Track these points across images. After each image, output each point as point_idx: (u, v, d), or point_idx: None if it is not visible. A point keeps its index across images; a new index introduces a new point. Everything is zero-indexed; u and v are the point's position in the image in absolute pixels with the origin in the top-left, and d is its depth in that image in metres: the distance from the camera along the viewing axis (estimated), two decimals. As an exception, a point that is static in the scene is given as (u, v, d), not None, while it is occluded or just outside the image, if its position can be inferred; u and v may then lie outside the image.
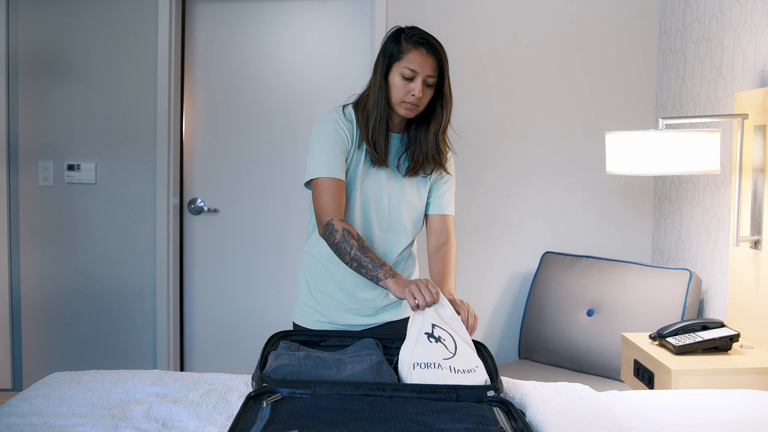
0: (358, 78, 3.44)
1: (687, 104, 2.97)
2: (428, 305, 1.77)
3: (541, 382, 1.80)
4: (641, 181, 3.33)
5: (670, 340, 2.24)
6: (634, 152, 2.24)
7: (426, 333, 1.72)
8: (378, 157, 2.06)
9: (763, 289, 2.27)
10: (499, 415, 1.47)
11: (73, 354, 3.46)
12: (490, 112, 3.35)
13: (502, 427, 1.39)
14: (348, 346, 1.86)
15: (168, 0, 3.33)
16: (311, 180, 2.02)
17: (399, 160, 2.12)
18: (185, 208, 3.51)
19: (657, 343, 2.31)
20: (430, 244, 2.25)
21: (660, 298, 2.77)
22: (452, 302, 1.89)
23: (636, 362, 2.34)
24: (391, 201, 2.14)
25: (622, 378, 2.51)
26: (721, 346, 2.21)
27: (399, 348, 1.86)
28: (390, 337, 1.91)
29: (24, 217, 3.43)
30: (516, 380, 1.76)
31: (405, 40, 2.00)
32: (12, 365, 3.46)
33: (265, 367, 1.65)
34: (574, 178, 3.35)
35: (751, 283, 2.33)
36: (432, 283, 1.81)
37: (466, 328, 1.83)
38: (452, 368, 1.64)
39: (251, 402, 1.50)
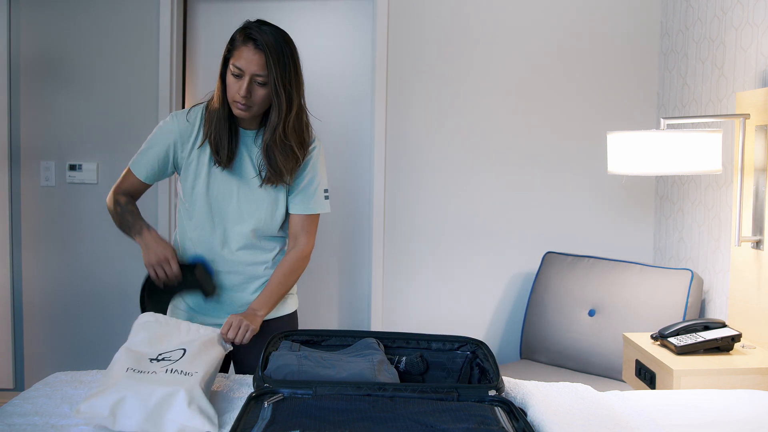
0: (359, 78, 3.45)
1: (688, 104, 2.97)
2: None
3: (543, 382, 1.80)
4: (643, 181, 3.32)
5: (671, 340, 2.24)
6: (635, 152, 2.24)
7: (150, 358, 1.65)
8: (220, 159, 1.97)
9: (764, 289, 2.26)
10: (501, 414, 1.47)
11: (74, 354, 3.46)
12: (492, 111, 3.35)
13: (503, 427, 1.39)
14: (349, 345, 1.86)
15: (169, 0, 3.33)
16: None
17: (255, 160, 2.00)
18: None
19: (658, 343, 2.31)
20: (288, 246, 2.12)
21: (661, 299, 2.77)
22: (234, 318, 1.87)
23: (637, 362, 2.33)
24: (241, 207, 2.02)
25: (623, 378, 2.50)
26: (723, 346, 2.21)
27: (400, 347, 1.87)
28: (391, 336, 1.91)
29: (26, 217, 3.43)
30: (517, 380, 1.76)
31: (238, 35, 1.89)
32: (13, 365, 3.46)
33: (266, 367, 1.65)
34: (575, 178, 3.35)
35: (752, 284, 2.33)
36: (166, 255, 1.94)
37: (228, 342, 1.83)
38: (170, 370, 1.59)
39: (252, 402, 1.50)
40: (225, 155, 1.96)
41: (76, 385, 1.76)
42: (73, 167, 3.42)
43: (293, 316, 2.19)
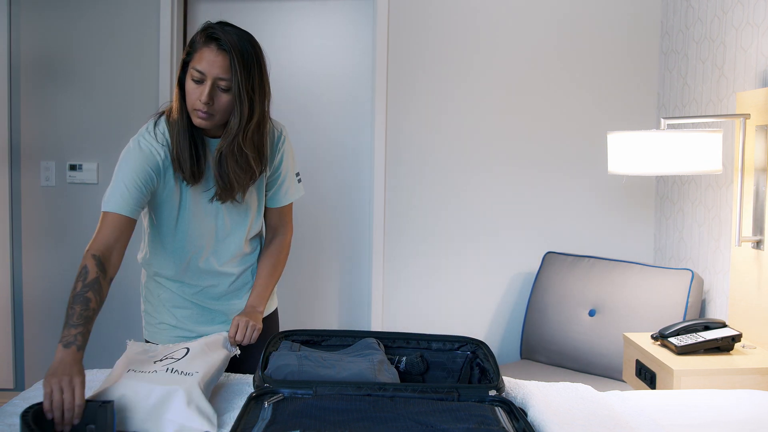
0: (359, 78, 3.45)
1: (689, 104, 2.97)
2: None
3: (543, 382, 1.80)
4: (643, 181, 3.32)
5: (672, 340, 2.23)
6: (636, 152, 2.24)
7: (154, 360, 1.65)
8: (185, 175, 1.77)
9: (765, 289, 2.26)
10: (501, 414, 1.46)
11: (74, 354, 3.46)
12: (492, 112, 3.35)
13: (503, 427, 1.39)
14: (349, 345, 1.86)
15: (170, 1, 3.34)
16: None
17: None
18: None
19: (659, 343, 2.31)
20: (266, 236, 2.02)
21: (662, 299, 2.77)
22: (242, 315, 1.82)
23: (638, 362, 2.33)
24: (217, 223, 1.88)
25: (623, 378, 2.50)
26: (723, 346, 2.21)
27: (400, 347, 1.87)
28: (391, 336, 1.91)
29: (26, 217, 3.43)
30: (518, 380, 1.76)
31: (199, 36, 1.71)
32: (14, 365, 3.46)
33: (266, 367, 1.65)
34: (576, 178, 3.35)
35: (753, 284, 2.33)
36: (67, 384, 1.41)
37: (234, 344, 1.79)
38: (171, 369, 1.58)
39: (253, 402, 1.50)
40: (189, 170, 1.77)
41: (77, 385, 1.75)
42: (73, 167, 3.42)
43: (275, 314, 2.15)
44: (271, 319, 2.11)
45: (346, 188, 3.48)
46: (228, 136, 1.74)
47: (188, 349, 1.68)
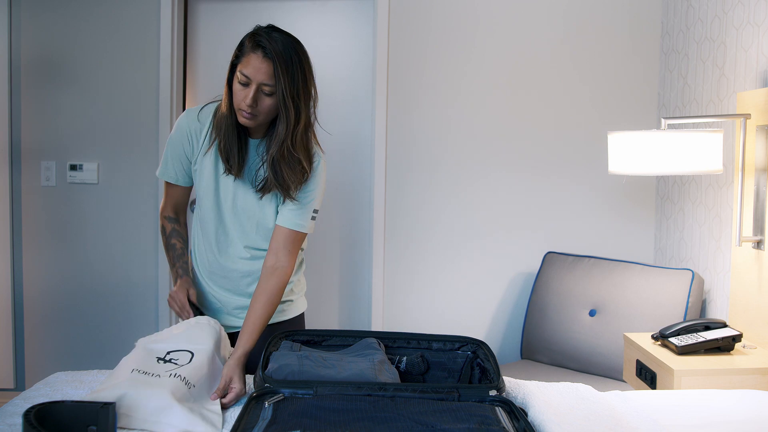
0: (360, 78, 3.45)
1: (689, 104, 2.97)
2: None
3: (544, 382, 1.80)
4: (644, 181, 3.32)
5: (672, 340, 2.23)
6: (636, 152, 2.24)
7: (157, 357, 1.65)
8: (229, 167, 1.91)
9: (765, 289, 2.26)
10: (501, 414, 1.46)
11: (75, 353, 3.46)
12: (492, 112, 3.35)
13: (504, 427, 1.39)
14: (349, 345, 1.86)
15: (170, 1, 3.34)
16: None
17: (256, 171, 1.92)
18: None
19: (659, 343, 2.31)
20: (266, 261, 1.95)
21: (662, 299, 2.77)
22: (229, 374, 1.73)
23: (638, 362, 2.33)
24: (237, 215, 1.97)
25: (624, 378, 2.50)
26: (724, 346, 2.21)
27: (401, 347, 1.87)
28: (392, 336, 1.91)
29: (26, 217, 3.44)
30: (518, 380, 1.76)
31: (247, 41, 1.80)
32: (14, 365, 3.46)
33: (266, 367, 1.65)
34: (576, 178, 3.35)
35: (753, 284, 2.33)
36: (182, 299, 1.94)
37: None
38: (176, 375, 1.58)
39: (253, 402, 1.50)
40: (236, 164, 1.90)
41: (77, 384, 1.76)
42: (73, 167, 3.42)
43: (301, 318, 2.16)
44: (297, 323, 2.14)
45: (346, 188, 3.48)
46: (278, 140, 1.83)
47: (192, 355, 1.67)
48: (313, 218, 1.99)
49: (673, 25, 3.14)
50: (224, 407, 1.65)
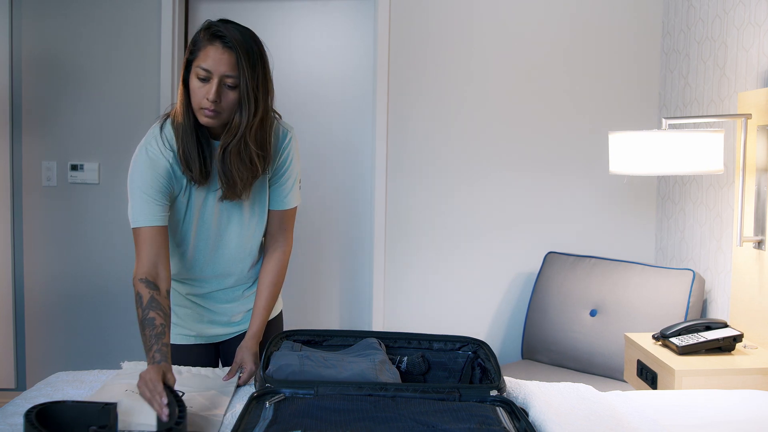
0: (360, 78, 3.45)
1: (690, 104, 2.97)
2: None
3: (544, 382, 1.80)
4: (644, 181, 3.32)
5: (673, 340, 2.23)
6: (637, 152, 2.24)
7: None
8: (193, 175, 1.77)
9: (766, 289, 2.26)
10: (502, 414, 1.46)
11: (76, 353, 3.47)
12: (493, 112, 3.35)
13: (505, 427, 1.39)
14: (350, 345, 1.86)
15: (171, 1, 3.34)
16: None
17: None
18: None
19: (660, 343, 2.31)
20: (265, 245, 1.96)
21: (663, 299, 2.77)
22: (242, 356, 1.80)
23: (639, 362, 2.33)
24: (220, 224, 1.88)
25: (625, 378, 2.50)
26: (725, 346, 2.21)
27: (402, 347, 1.87)
28: (392, 336, 1.91)
29: (27, 217, 3.44)
30: (519, 380, 1.76)
31: (202, 34, 1.70)
32: (15, 365, 3.47)
33: (267, 367, 1.65)
34: (577, 179, 3.35)
35: (754, 284, 2.32)
36: (154, 380, 1.48)
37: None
38: None
39: (254, 402, 1.50)
40: (197, 171, 1.77)
41: (78, 384, 1.76)
42: (74, 167, 3.42)
43: (280, 317, 2.13)
44: (276, 323, 2.10)
45: (347, 188, 3.48)
46: (233, 132, 1.73)
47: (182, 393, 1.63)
48: (299, 188, 1.98)
49: (674, 25, 3.14)
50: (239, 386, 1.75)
